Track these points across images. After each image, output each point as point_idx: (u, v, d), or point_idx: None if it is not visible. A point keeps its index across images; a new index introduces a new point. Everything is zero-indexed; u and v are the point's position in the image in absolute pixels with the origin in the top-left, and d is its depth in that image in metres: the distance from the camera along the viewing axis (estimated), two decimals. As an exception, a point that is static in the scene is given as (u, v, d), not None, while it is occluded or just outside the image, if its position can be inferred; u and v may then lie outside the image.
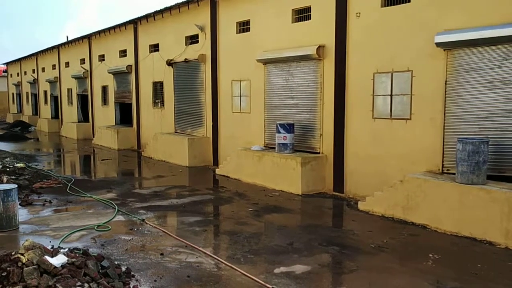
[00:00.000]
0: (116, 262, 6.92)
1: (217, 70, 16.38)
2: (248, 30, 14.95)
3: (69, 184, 13.16)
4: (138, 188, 13.45)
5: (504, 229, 7.83)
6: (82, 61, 28.30)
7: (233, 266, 6.94)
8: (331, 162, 12.16)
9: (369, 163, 11.18)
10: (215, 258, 7.31)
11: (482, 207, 8.12)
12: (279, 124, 12.82)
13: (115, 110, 24.76)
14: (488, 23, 8.69)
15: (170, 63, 18.81)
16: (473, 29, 8.83)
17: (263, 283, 6.30)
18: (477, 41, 8.77)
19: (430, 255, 7.47)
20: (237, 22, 15.36)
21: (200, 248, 7.75)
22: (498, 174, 8.74)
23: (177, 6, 17.66)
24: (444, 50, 9.40)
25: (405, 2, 10.25)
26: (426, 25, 9.73)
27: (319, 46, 12.10)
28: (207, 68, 16.90)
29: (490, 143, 8.58)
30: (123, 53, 23.31)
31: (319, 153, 12.54)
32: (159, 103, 20.40)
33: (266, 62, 13.99)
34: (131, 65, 22.33)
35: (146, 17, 20.23)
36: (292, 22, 13.17)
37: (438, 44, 9.34)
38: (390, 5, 10.59)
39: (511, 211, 7.72)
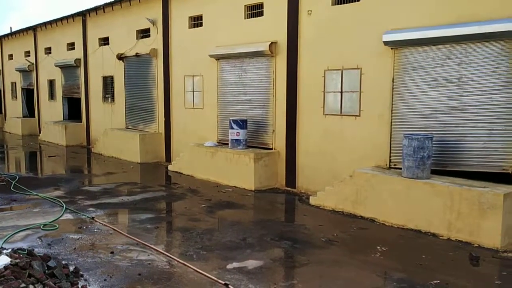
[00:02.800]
0: (63, 262, 6.72)
1: (169, 65, 16.17)
2: (201, 25, 14.84)
3: (13, 182, 12.63)
4: (87, 186, 13.08)
5: (446, 221, 8.21)
6: (27, 53, 27.11)
7: (185, 263, 6.90)
8: (284, 158, 12.30)
9: (320, 159, 11.40)
10: (167, 255, 7.24)
11: (426, 201, 8.47)
12: (232, 120, 12.83)
13: (63, 105, 23.92)
14: (433, 24, 9.05)
15: (120, 57, 18.38)
16: (418, 29, 9.17)
17: (215, 279, 6.31)
18: (422, 41, 9.11)
19: (378, 247, 7.72)
20: (189, 17, 15.21)
21: (152, 246, 7.65)
22: (441, 169, 9.14)
23: (128, -2, 17.27)
24: (392, 48, 9.71)
25: (355, 1, 10.49)
26: (375, 24, 10.01)
27: (272, 43, 12.19)
28: (159, 63, 16.64)
29: (434, 139, 8.95)
30: (71, 46, 22.54)
31: (272, 149, 12.66)
32: (110, 98, 19.91)
33: (219, 57, 13.94)
34: (79, 59, 21.64)
35: (95, 9, 19.65)
36: (245, 18, 13.19)
37: (386, 43, 9.63)
38: (341, 4, 10.81)
39: (453, 204, 8.10)
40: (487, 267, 6.99)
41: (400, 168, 9.27)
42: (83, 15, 20.84)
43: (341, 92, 10.82)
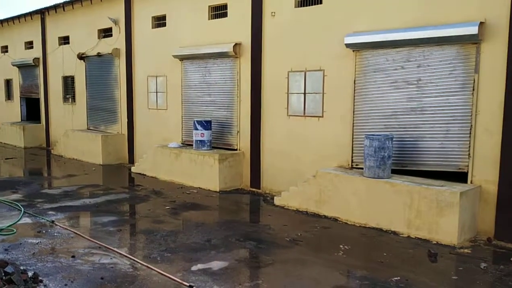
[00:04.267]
0: (22, 268, 6.52)
1: (132, 65, 15.93)
2: (164, 25, 14.69)
3: (-32, 186, 12.16)
4: (47, 188, 12.73)
5: (406, 219, 8.44)
6: (-18, 52, 26.13)
7: (149, 265, 6.82)
8: (248, 159, 12.34)
9: (284, 159, 11.50)
10: (131, 258, 7.14)
11: (387, 200, 8.69)
12: (197, 121, 12.77)
13: (21, 105, 23.16)
14: (393, 27, 9.29)
15: (81, 56, 17.97)
16: (378, 32, 9.40)
17: (180, 281, 6.27)
18: (382, 44, 9.34)
19: (341, 246, 7.86)
20: (152, 17, 15.03)
21: (115, 249, 7.52)
22: (401, 168, 9.39)
23: (89, -3, 16.91)
24: (353, 51, 9.90)
25: (318, 4, 10.64)
26: (337, 27, 10.18)
27: (236, 44, 12.22)
28: (121, 63, 16.37)
29: (394, 139, 9.19)
30: (29, 45, 21.85)
31: (236, 149, 12.68)
32: (70, 99, 19.43)
33: (182, 58, 13.86)
34: (38, 58, 21.01)
35: (55, 7, 19.12)
36: (209, 19, 13.16)
37: (347, 45, 9.82)
38: (304, 6, 10.95)
39: (413, 202, 8.34)
40: (444, 263, 7.24)
41: (362, 168, 9.47)
42: (42, 13, 20.25)
43: (305, 93, 10.95)
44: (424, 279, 6.51)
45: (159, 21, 14.93)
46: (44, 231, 8.50)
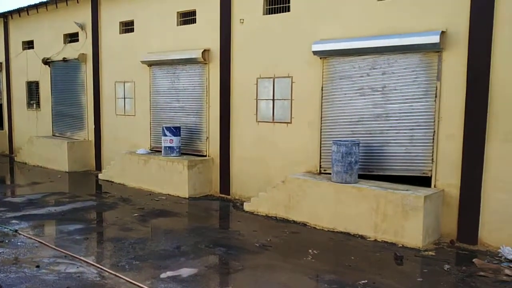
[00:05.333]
0: (-16, 279, 6.33)
1: (99, 70, 15.71)
2: (132, 30, 14.57)
3: None
4: (10, 196, 12.38)
5: (373, 223, 8.62)
6: None
7: (117, 274, 6.73)
8: (218, 165, 12.34)
9: (254, 165, 11.56)
10: (98, 267, 7.03)
11: (354, 204, 8.85)
12: (165, 127, 12.69)
13: (-18, 111, 22.48)
14: (358, 35, 9.50)
15: (46, 61, 17.59)
16: (345, 40, 9.59)
17: (148, 289, 6.22)
18: (349, 51, 9.54)
19: (310, 250, 7.95)
20: (120, 22, 14.88)
21: (81, 258, 7.39)
22: (368, 173, 9.58)
23: (54, 1, 16.55)
24: (320, 58, 10.07)
25: (286, 11, 10.78)
26: (305, 34, 10.34)
27: (205, 50, 12.23)
28: (88, 68, 16.11)
29: (361, 145, 9.38)
30: (-9, 50, 21.26)
31: (206, 156, 12.65)
32: (35, 104, 18.97)
33: (151, 64, 13.76)
34: (1, 63, 20.45)
35: (19, 11, 18.66)
36: (178, 25, 13.13)
37: (315, 53, 9.98)
38: (272, 13, 11.07)
39: (379, 206, 8.53)
40: (410, 266, 7.42)
41: (330, 173, 9.61)
42: (4, 16, 19.74)
43: (273, 99, 11.06)
44: (391, 282, 6.66)
45: (127, 26, 14.79)
46: (6, 241, 8.26)
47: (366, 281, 6.64)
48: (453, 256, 7.92)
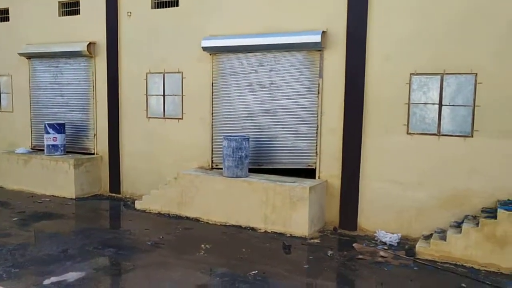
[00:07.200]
0: None
1: (-31, 62, 14.24)
2: (7, 19, 13.40)
3: None
4: None
5: (263, 215, 8.94)
6: None
7: (-7, 284, 6.24)
8: (107, 163, 11.91)
9: (145, 163, 11.33)
10: (-29, 279, 6.45)
11: (245, 197, 9.10)
12: (48, 124, 11.92)
13: None
14: (246, 32, 9.73)
15: None
16: (233, 37, 9.77)
17: (30, 298, 5.85)
18: (237, 48, 9.74)
19: (203, 245, 8.03)
20: (-7, 10, 13.64)
21: (-49, 270, 6.72)
22: (258, 167, 9.89)
23: None
24: (210, 54, 10.15)
25: (174, 6, 10.68)
26: (195, 30, 10.33)
27: (90, 43, 11.68)
28: (-45, 59, 14.53)
29: (250, 139, 9.65)
30: None
31: (94, 153, 12.13)
32: None
33: (30, 56, 12.81)
34: None
35: None
36: (60, 16, 12.35)
37: (204, 49, 10.04)
38: (160, 8, 10.89)
39: (268, 199, 8.86)
40: (297, 254, 7.84)
41: (222, 168, 9.76)
42: None
43: (164, 95, 10.92)
44: (279, 270, 6.98)
45: (2, 15, 13.57)
46: None
47: (256, 271, 6.88)
48: (336, 242, 8.50)
